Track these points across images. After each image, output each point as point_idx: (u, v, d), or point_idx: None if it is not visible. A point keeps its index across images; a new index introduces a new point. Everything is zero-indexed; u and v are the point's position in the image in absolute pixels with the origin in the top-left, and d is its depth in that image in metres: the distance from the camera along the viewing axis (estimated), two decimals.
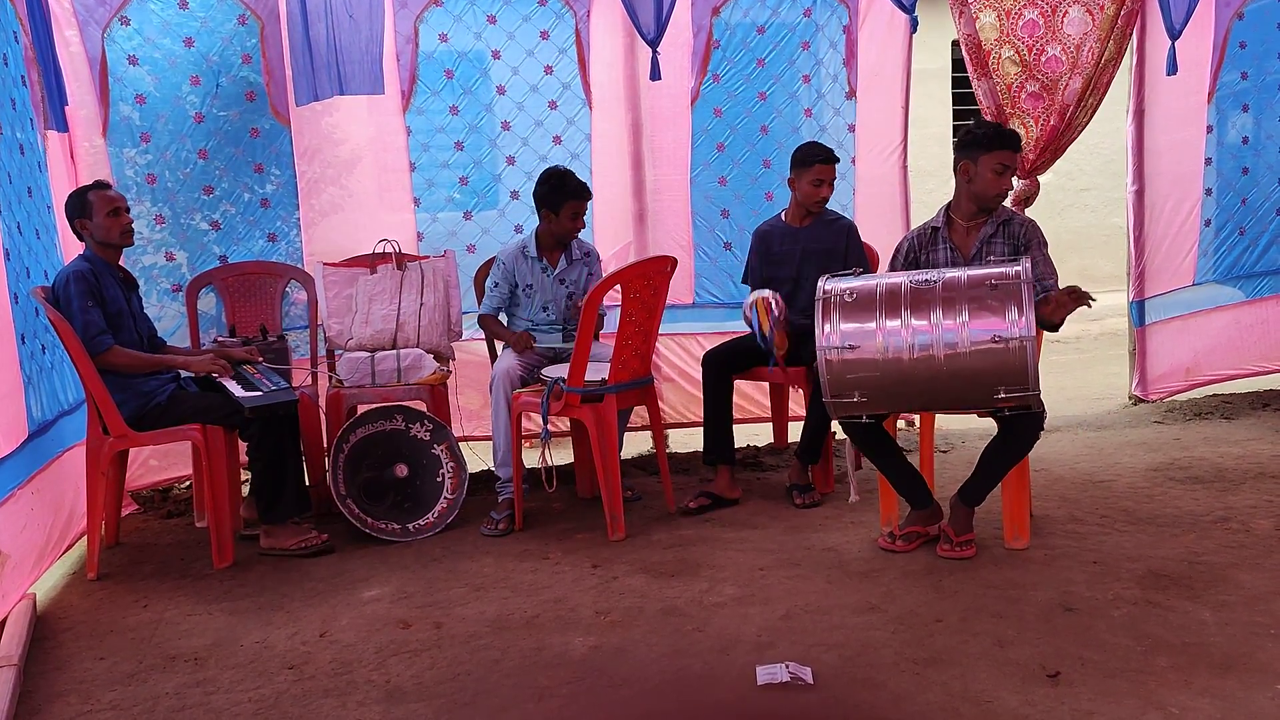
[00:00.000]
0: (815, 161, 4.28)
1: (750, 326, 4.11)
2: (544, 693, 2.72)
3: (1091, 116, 5.12)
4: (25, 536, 3.40)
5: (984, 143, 3.57)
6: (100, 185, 3.90)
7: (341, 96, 4.72)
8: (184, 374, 4.00)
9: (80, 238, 3.87)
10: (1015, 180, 5.12)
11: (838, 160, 4.33)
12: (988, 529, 3.68)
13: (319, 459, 4.30)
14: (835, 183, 4.38)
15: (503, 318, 4.48)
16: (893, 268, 3.80)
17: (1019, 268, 3.24)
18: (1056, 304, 3.39)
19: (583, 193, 4.28)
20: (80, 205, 3.83)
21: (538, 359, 4.32)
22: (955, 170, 3.66)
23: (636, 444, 4.66)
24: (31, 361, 3.63)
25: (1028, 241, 3.60)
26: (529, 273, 4.38)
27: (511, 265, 4.38)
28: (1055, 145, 5.11)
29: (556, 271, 4.39)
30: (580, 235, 4.45)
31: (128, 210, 3.92)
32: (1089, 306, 3.41)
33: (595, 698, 2.70)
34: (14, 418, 3.41)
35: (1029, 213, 4.76)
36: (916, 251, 3.74)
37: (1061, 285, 3.51)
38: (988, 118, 5.02)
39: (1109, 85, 5.07)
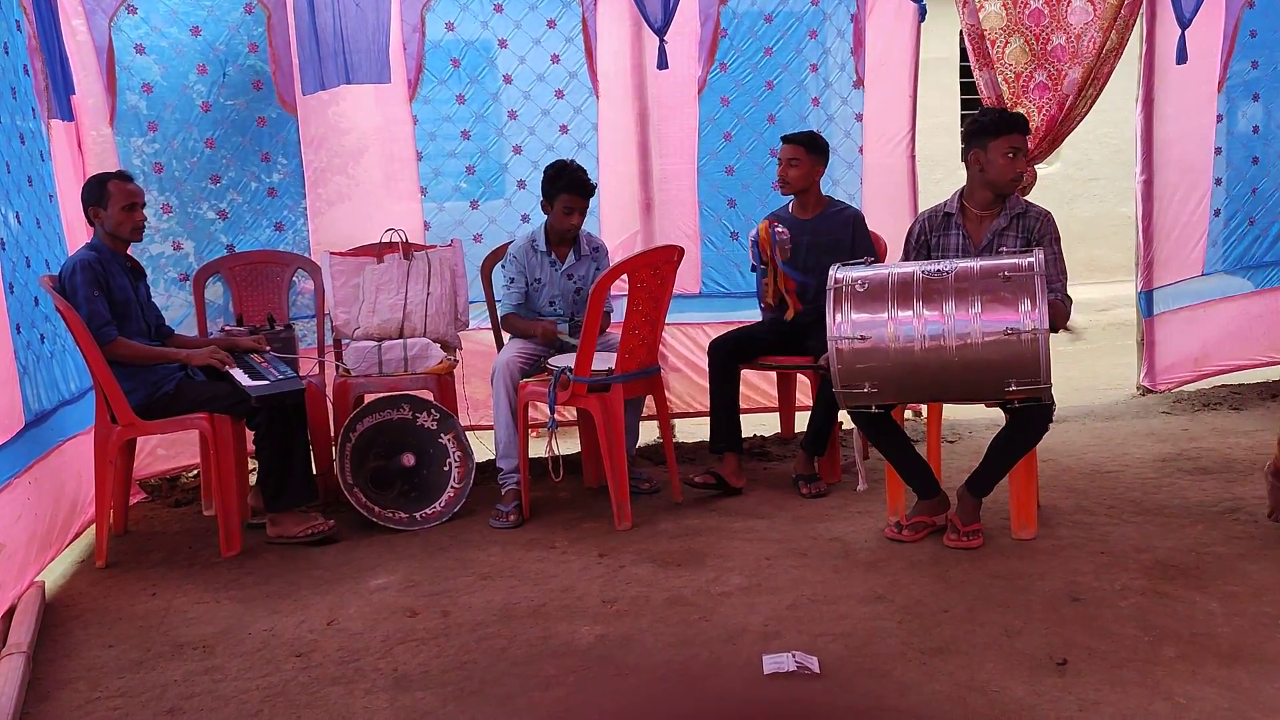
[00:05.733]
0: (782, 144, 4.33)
1: (754, 255, 4.19)
2: (550, 681, 2.73)
3: (1090, 108, 5.09)
4: (21, 526, 3.39)
5: (992, 129, 3.56)
6: (123, 176, 3.89)
7: (348, 85, 4.72)
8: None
9: (91, 224, 3.87)
10: None
11: (799, 141, 4.29)
12: (995, 519, 3.67)
13: (326, 448, 4.30)
14: (831, 162, 4.42)
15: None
16: (905, 250, 3.79)
17: (1032, 259, 3.22)
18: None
19: (578, 188, 4.20)
20: (98, 193, 3.82)
21: (542, 350, 4.31)
22: (965, 161, 3.64)
23: (643, 434, 4.66)
24: (28, 351, 3.62)
25: (1041, 236, 3.57)
26: (538, 266, 4.37)
27: (524, 259, 4.37)
28: (1054, 135, 5.08)
29: (564, 266, 4.37)
30: (587, 227, 4.44)
31: (144, 206, 3.91)
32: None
33: (601, 686, 2.70)
34: (9, 408, 3.40)
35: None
36: (928, 234, 3.73)
37: (1070, 278, 3.52)
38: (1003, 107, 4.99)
39: (1109, 76, 5.03)
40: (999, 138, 3.54)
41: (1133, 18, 4.97)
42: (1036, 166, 5.17)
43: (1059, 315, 3.45)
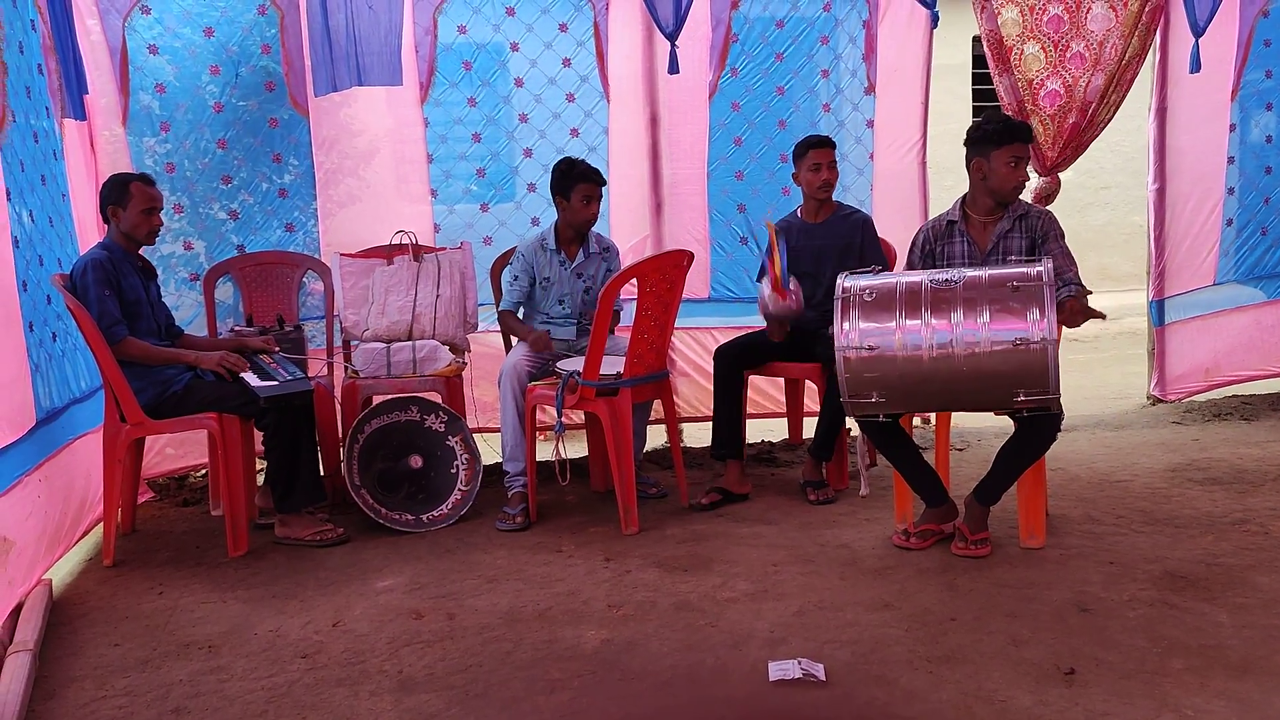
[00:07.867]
0: (808, 149, 4.29)
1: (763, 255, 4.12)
2: (555, 685, 2.72)
3: (1114, 113, 5.08)
4: (32, 524, 3.40)
5: (995, 138, 3.56)
6: (146, 180, 3.91)
7: (360, 87, 4.72)
8: None
9: (106, 222, 3.89)
10: (1035, 177, 5.10)
11: (833, 145, 4.33)
12: (1003, 528, 3.66)
13: (334, 449, 4.31)
14: (841, 168, 4.41)
15: (520, 313, 4.46)
16: (909, 260, 3.79)
17: (1041, 268, 3.21)
18: (1070, 313, 3.38)
19: (592, 176, 4.25)
20: (120, 193, 3.84)
21: (550, 353, 4.30)
22: (968, 168, 3.65)
23: (651, 438, 4.66)
24: (40, 349, 3.63)
25: (1045, 234, 3.59)
26: (547, 265, 4.37)
27: (531, 258, 4.38)
28: (1077, 142, 5.07)
29: (574, 265, 4.37)
30: (597, 229, 4.44)
31: (161, 211, 3.93)
32: (1102, 319, 3.41)
33: (606, 691, 2.70)
34: (20, 405, 3.41)
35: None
36: (932, 244, 3.73)
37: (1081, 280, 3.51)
38: (1009, 114, 4.98)
39: (1132, 82, 5.03)
40: (1002, 147, 3.54)
41: (1154, 23, 4.96)
42: (1057, 174, 5.17)
43: (1077, 311, 3.41)
